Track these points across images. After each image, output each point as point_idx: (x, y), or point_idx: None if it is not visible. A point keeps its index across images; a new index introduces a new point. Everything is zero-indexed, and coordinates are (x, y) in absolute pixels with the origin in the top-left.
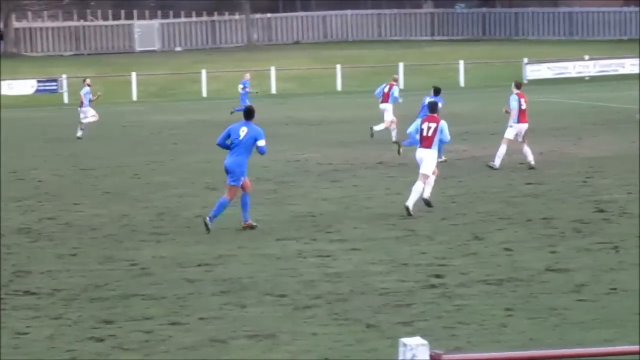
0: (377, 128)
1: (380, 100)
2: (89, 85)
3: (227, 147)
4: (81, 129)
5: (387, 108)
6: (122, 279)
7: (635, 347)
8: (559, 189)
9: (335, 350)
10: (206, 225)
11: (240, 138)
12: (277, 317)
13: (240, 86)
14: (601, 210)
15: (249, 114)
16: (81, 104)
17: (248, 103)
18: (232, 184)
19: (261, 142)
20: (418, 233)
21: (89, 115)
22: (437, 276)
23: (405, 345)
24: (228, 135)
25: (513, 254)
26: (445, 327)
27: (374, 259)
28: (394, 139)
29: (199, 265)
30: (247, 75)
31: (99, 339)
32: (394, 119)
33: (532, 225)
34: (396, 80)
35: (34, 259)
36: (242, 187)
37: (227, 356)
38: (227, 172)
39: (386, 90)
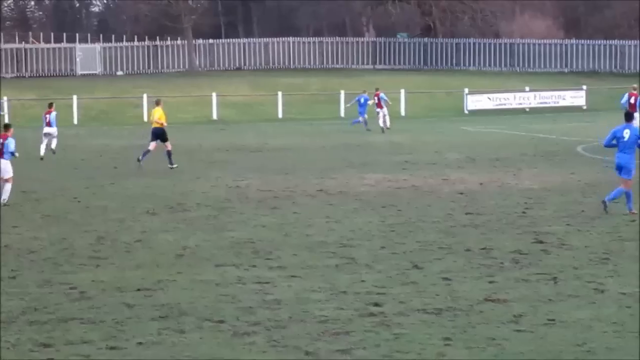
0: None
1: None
2: None
3: (612, 146)
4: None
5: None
6: (61, 302)
7: None
8: (498, 220)
9: None
10: (605, 205)
11: (625, 139)
12: (216, 343)
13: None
14: (540, 242)
15: (629, 116)
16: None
17: (364, 116)
18: (625, 177)
19: None
20: (357, 261)
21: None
22: (376, 304)
23: None
24: (613, 137)
25: (452, 283)
26: (383, 356)
27: (313, 287)
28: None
29: (138, 290)
30: (366, 92)
31: None
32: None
33: (471, 255)
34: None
35: None
36: (624, 184)
37: None
38: (619, 168)
39: None
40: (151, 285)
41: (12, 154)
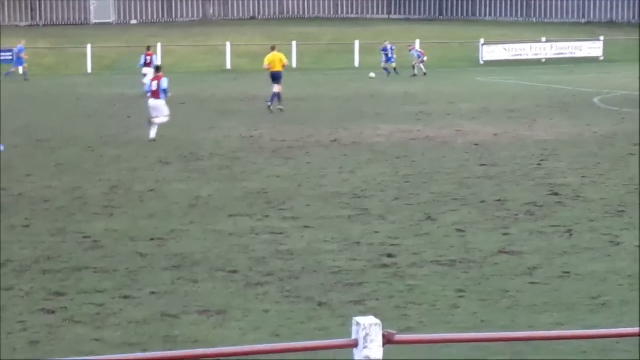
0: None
1: None
2: None
3: None
4: None
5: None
6: (74, 251)
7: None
8: (513, 171)
9: (286, 328)
10: None
11: None
12: (229, 293)
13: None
14: (555, 194)
15: None
16: None
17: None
18: None
19: None
20: (371, 212)
21: None
22: (389, 256)
23: (358, 324)
24: None
25: (466, 235)
26: (396, 307)
27: (326, 237)
28: None
29: (151, 240)
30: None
31: (50, 311)
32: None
33: (485, 206)
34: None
35: None
36: None
37: (178, 331)
38: None
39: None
40: (164, 234)
41: (165, 92)
